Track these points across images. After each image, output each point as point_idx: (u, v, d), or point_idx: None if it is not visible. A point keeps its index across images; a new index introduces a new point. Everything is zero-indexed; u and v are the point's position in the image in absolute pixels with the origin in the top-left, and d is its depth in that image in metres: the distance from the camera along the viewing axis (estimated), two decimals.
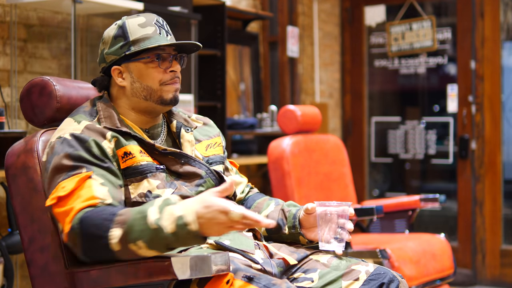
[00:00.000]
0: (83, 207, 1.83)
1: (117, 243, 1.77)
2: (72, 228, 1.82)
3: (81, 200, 1.84)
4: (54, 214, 1.89)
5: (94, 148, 1.92)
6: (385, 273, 1.99)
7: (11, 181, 2.05)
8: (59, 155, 1.91)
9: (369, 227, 4.00)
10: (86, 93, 2.19)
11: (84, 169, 1.89)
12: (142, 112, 2.09)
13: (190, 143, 2.12)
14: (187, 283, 1.83)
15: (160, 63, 2.04)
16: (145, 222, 1.74)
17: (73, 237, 1.83)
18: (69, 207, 1.84)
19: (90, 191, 1.86)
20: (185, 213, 1.72)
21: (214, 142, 2.20)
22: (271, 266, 1.97)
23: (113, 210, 1.81)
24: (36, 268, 2.00)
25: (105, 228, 1.78)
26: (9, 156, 2.07)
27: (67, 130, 1.95)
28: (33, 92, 2.11)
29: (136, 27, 2.04)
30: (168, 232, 1.72)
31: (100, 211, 1.81)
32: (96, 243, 1.80)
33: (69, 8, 3.32)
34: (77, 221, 1.81)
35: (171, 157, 2.04)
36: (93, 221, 1.80)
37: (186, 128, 2.15)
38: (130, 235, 1.75)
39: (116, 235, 1.76)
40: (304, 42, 5.54)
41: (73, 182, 1.86)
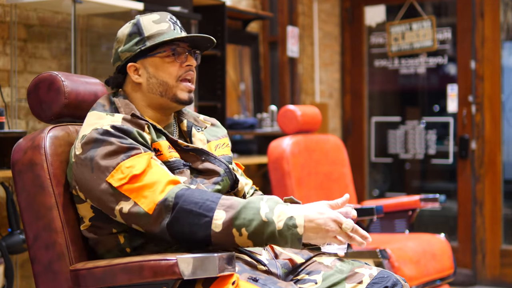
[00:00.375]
0: (170, 181, 1.84)
1: (221, 224, 1.79)
2: (165, 200, 1.82)
3: (161, 175, 1.85)
4: (122, 191, 1.85)
5: (140, 139, 1.93)
6: (389, 276, 1.99)
7: (17, 178, 2.03)
8: (108, 141, 1.88)
9: (369, 227, 4.00)
10: (94, 88, 2.18)
11: (141, 149, 1.89)
12: (157, 109, 2.09)
13: (202, 142, 2.14)
14: (192, 283, 1.83)
15: (176, 57, 2.05)
16: (257, 213, 1.79)
17: (163, 208, 1.82)
18: (151, 181, 1.84)
19: (162, 169, 1.88)
20: (296, 215, 1.79)
21: (222, 143, 2.21)
22: (276, 267, 1.98)
23: (215, 194, 1.85)
24: (40, 265, 1.99)
25: (208, 208, 1.80)
26: (16, 152, 2.05)
27: (104, 122, 1.93)
28: (41, 87, 2.09)
29: (150, 23, 2.05)
30: (275, 229, 1.77)
31: (200, 191, 1.84)
32: (195, 219, 1.80)
33: (69, 8, 3.32)
34: (173, 194, 1.82)
35: (192, 154, 2.06)
36: (193, 199, 1.82)
37: (197, 127, 2.16)
38: (237, 220, 1.79)
39: (221, 216, 1.79)
40: (304, 42, 5.54)
41: (140, 162, 1.86)
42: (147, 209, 1.83)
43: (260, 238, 1.79)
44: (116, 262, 1.84)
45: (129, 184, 1.85)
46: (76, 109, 2.11)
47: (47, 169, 1.99)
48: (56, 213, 1.97)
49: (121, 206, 1.85)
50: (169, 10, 3.76)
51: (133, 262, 1.81)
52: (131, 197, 1.85)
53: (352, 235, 1.83)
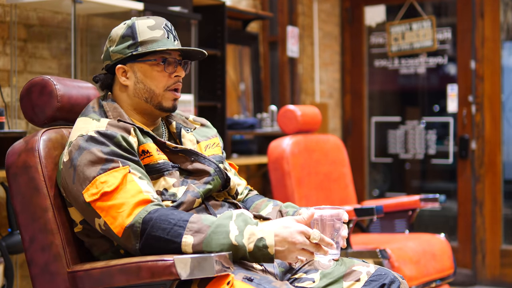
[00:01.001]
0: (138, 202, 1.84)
1: (190, 250, 1.80)
2: (132, 225, 1.82)
3: (131, 195, 1.85)
4: (94, 208, 1.87)
5: (123, 143, 1.93)
6: (386, 274, 2.00)
7: (11, 180, 2.04)
8: (89, 150, 1.89)
9: (369, 227, 4.00)
10: (86, 92, 2.19)
11: (120, 163, 1.89)
12: (142, 114, 2.10)
13: (192, 142, 2.14)
14: (187, 283, 1.83)
15: (165, 67, 2.05)
16: (226, 237, 1.79)
17: (132, 233, 1.83)
18: (119, 202, 1.84)
19: (135, 185, 1.87)
20: (266, 236, 1.79)
21: (212, 143, 2.21)
22: (273, 266, 1.98)
23: (182, 216, 1.83)
24: (36, 267, 2.00)
25: (176, 234, 1.80)
26: (10, 155, 2.06)
27: (90, 128, 1.94)
28: (33, 91, 2.11)
29: (145, 29, 2.05)
30: (246, 251, 1.79)
31: (167, 214, 1.83)
32: (163, 245, 1.81)
33: (69, 8, 3.32)
34: (139, 220, 1.82)
35: (182, 155, 2.07)
36: (160, 224, 1.81)
37: (186, 128, 2.17)
38: (207, 245, 1.79)
39: (189, 242, 1.80)
40: (304, 42, 5.54)
41: (114, 177, 1.86)
42: (116, 231, 1.85)
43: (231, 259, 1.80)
44: (113, 263, 1.84)
45: (100, 201, 1.86)
46: (69, 112, 2.12)
47: (42, 172, 2.00)
48: (51, 215, 1.98)
49: (98, 223, 1.88)
50: (169, 10, 3.76)
51: (130, 263, 1.81)
52: (101, 216, 1.86)
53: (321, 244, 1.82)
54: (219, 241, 1.79)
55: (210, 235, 1.79)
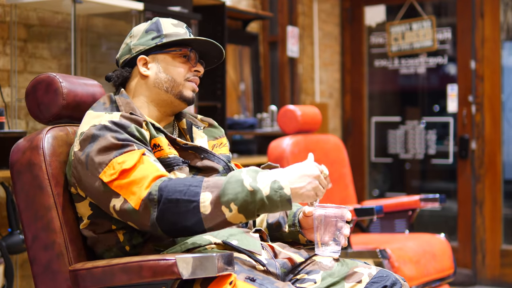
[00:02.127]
0: (156, 176, 1.85)
1: (209, 205, 1.80)
2: (149, 194, 1.82)
3: (150, 171, 1.86)
4: (113, 188, 1.87)
5: (137, 133, 1.94)
6: (388, 276, 1.99)
7: (15, 178, 2.04)
8: (104, 137, 1.90)
9: (369, 227, 4.00)
10: (92, 90, 2.19)
11: (135, 146, 1.90)
12: (160, 106, 2.11)
13: (202, 138, 2.17)
14: (190, 283, 1.83)
15: (189, 58, 2.11)
16: (241, 185, 1.80)
17: (149, 202, 1.82)
18: (139, 177, 1.84)
19: (152, 165, 1.88)
20: (278, 178, 1.82)
21: (220, 143, 2.23)
22: (275, 267, 1.98)
23: (196, 178, 1.85)
24: (39, 266, 2.00)
25: (193, 193, 1.81)
26: (14, 153, 2.06)
27: (103, 119, 1.95)
28: (39, 88, 2.10)
29: (169, 25, 2.12)
30: (263, 195, 1.78)
31: (181, 179, 1.85)
32: (182, 207, 1.80)
33: (69, 8, 3.32)
34: (156, 188, 1.82)
35: (191, 152, 2.08)
36: (176, 188, 1.82)
37: (196, 126, 2.19)
38: (224, 197, 1.79)
39: (207, 197, 1.80)
40: (304, 42, 5.54)
41: (132, 157, 1.87)
42: (134, 205, 1.84)
43: (251, 208, 1.80)
44: (115, 262, 1.84)
45: (119, 179, 1.86)
46: (74, 110, 2.12)
47: (46, 170, 2.00)
48: (55, 213, 1.98)
49: (114, 204, 1.87)
50: (169, 10, 3.76)
51: (132, 262, 1.81)
52: (121, 194, 1.86)
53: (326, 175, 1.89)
54: (235, 189, 1.79)
55: (225, 186, 1.80)
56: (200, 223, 1.81)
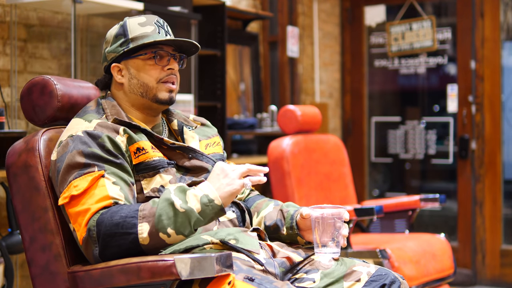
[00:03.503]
0: (98, 209, 1.86)
1: (147, 237, 1.81)
2: (88, 231, 1.84)
3: (95, 200, 1.86)
4: (67, 213, 1.90)
5: (108, 144, 1.94)
6: (387, 274, 2.00)
7: (12, 180, 2.04)
8: (72, 153, 1.92)
9: (369, 227, 4.00)
10: (87, 92, 2.20)
11: (96, 167, 1.90)
12: (141, 109, 2.12)
13: (194, 139, 2.16)
14: (188, 283, 1.83)
15: (157, 60, 2.07)
16: (173, 209, 1.81)
17: (90, 239, 1.84)
18: (84, 208, 1.86)
19: (103, 190, 1.88)
20: (207, 191, 1.85)
21: (213, 142, 2.23)
22: (274, 267, 1.98)
23: (132, 207, 1.85)
24: (37, 267, 2.00)
25: (130, 225, 1.82)
26: (10, 155, 2.07)
27: (79, 128, 1.97)
28: (34, 91, 2.11)
29: (136, 26, 2.08)
30: (196, 213, 1.81)
31: (117, 210, 1.84)
32: (121, 241, 1.82)
33: (69, 8, 3.32)
34: (93, 223, 1.84)
35: (179, 152, 2.08)
36: (113, 221, 1.83)
37: (187, 126, 2.19)
38: (160, 224, 1.81)
39: (145, 229, 1.81)
40: (304, 42, 5.54)
41: (86, 181, 1.88)
42: (79, 239, 1.88)
43: (188, 228, 1.82)
44: (113, 264, 1.84)
45: (69, 205, 1.88)
46: (69, 112, 2.12)
47: (42, 171, 2.00)
48: (52, 215, 1.98)
49: (71, 227, 1.91)
50: (169, 10, 3.76)
51: (130, 263, 1.81)
52: (71, 222, 1.90)
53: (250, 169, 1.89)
54: (168, 214, 1.81)
55: (159, 214, 1.81)
56: (141, 251, 1.84)
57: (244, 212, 2.14)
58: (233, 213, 2.10)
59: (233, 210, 2.10)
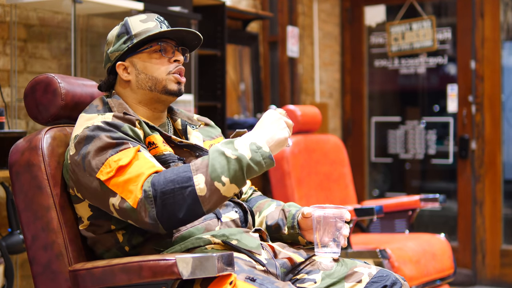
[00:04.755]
0: (151, 173, 1.86)
1: (204, 187, 1.81)
2: (144, 192, 1.83)
3: (146, 167, 1.86)
4: (110, 187, 1.87)
5: (130, 132, 1.94)
6: (388, 275, 2.00)
7: (14, 179, 2.04)
8: (98, 137, 1.90)
9: (369, 227, 4.00)
10: (90, 90, 2.20)
11: (130, 144, 1.90)
12: (148, 105, 2.11)
13: (198, 138, 2.17)
14: (190, 283, 1.83)
15: (163, 52, 2.08)
16: (225, 157, 1.82)
17: (145, 200, 1.82)
18: (134, 175, 1.85)
19: (147, 161, 1.88)
20: (253, 139, 1.86)
21: (216, 142, 2.22)
22: (275, 267, 1.98)
23: (183, 165, 1.87)
24: (39, 266, 2.00)
25: (186, 179, 1.82)
26: (13, 153, 2.06)
27: (96, 120, 1.96)
28: (38, 89, 2.11)
29: (137, 22, 2.09)
30: (247, 159, 1.82)
31: (169, 170, 1.86)
32: (178, 196, 1.81)
33: (69, 8, 3.32)
34: (148, 184, 1.83)
35: (186, 150, 2.09)
36: (167, 179, 1.83)
37: (191, 125, 2.19)
38: (214, 173, 1.82)
39: (201, 179, 1.82)
40: (304, 42, 5.54)
41: (128, 153, 1.88)
42: (132, 203, 1.85)
43: (240, 176, 1.83)
44: (115, 262, 1.84)
45: (116, 177, 1.86)
46: (73, 110, 2.12)
47: (45, 170, 2.00)
48: (54, 214, 1.98)
49: (112, 202, 1.87)
50: (169, 10, 3.76)
51: (132, 262, 1.81)
52: (118, 193, 1.86)
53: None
54: (221, 163, 1.82)
55: (211, 163, 1.83)
56: (198, 206, 1.83)
57: (246, 213, 2.14)
58: (235, 213, 2.10)
59: (235, 211, 2.10)
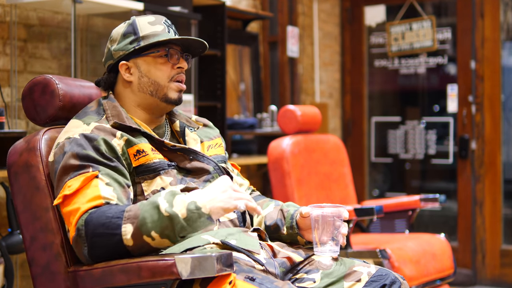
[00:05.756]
0: (88, 208, 1.85)
1: (131, 238, 1.80)
2: (77, 230, 1.84)
3: (87, 200, 1.86)
4: (62, 213, 1.90)
5: (103, 146, 1.94)
6: (387, 274, 2.00)
7: (13, 179, 2.04)
8: (67, 154, 1.92)
9: (369, 227, 4.00)
10: (88, 92, 2.20)
11: (91, 168, 1.90)
12: (147, 109, 2.11)
13: (195, 141, 2.16)
14: (189, 283, 1.83)
15: (169, 58, 2.08)
16: (158, 212, 1.79)
17: (78, 239, 1.84)
18: (75, 207, 1.86)
19: (96, 190, 1.87)
20: (196, 198, 1.80)
21: (215, 143, 2.23)
22: (274, 267, 1.98)
23: (120, 208, 1.84)
24: (37, 267, 2.00)
25: (115, 226, 1.81)
26: (11, 154, 2.07)
27: (77, 131, 1.97)
28: (35, 90, 2.11)
29: (146, 24, 2.09)
30: (180, 219, 1.77)
31: (105, 210, 1.83)
32: (106, 242, 1.82)
33: (69, 8, 3.32)
34: (82, 223, 1.83)
35: (180, 154, 2.08)
36: (99, 221, 1.82)
37: (189, 127, 2.18)
38: (143, 227, 1.79)
39: (129, 230, 1.80)
40: (304, 42, 5.55)
41: (78, 181, 1.88)
42: (70, 238, 1.87)
43: (172, 232, 1.79)
44: (114, 263, 1.84)
45: (63, 205, 1.88)
46: (71, 111, 2.12)
47: (43, 171, 2.01)
48: (52, 214, 1.98)
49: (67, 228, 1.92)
50: (169, 10, 3.76)
51: (131, 263, 1.81)
52: (65, 222, 1.90)
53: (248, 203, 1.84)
54: (152, 217, 1.79)
55: (143, 215, 1.80)
56: (128, 253, 1.83)
57: (244, 213, 2.14)
58: (233, 213, 2.10)
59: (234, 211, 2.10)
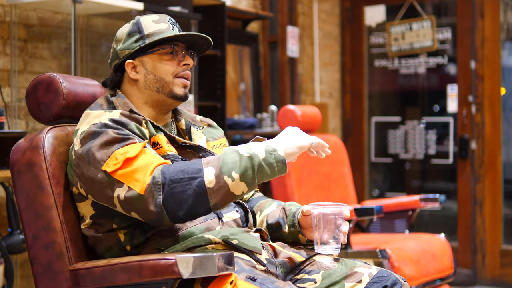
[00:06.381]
0: (161, 163, 1.87)
1: (213, 179, 1.83)
2: (153, 178, 1.84)
3: (153, 159, 1.88)
4: (116, 177, 1.88)
5: (136, 131, 1.96)
6: (388, 276, 2.00)
7: (16, 178, 2.04)
8: (105, 133, 1.91)
9: (369, 227, 4.00)
10: (92, 90, 2.20)
11: (136, 139, 1.92)
12: (154, 107, 2.12)
13: (201, 139, 2.18)
14: (190, 282, 1.83)
15: (174, 55, 2.09)
16: (238, 154, 1.85)
17: (153, 186, 1.83)
18: (142, 165, 1.86)
19: (154, 155, 1.91)
20: (270, 142, 1.89)
21: (219, 143, 2.24)
22: (275, 267, 1.98)
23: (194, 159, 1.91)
24: (39, 265, 2.00)
25: (195, 170, 1.84)
26: (14, 153, 2.06)
27: (104, 117, 1.96)
28: (39, 88, 2.11)
29: (150, 23, 2.10)
30: (260, 159, 1.84)
31: (179, 162, 1.89)
32: (187, 185, 1.83)
33: (69, 8, 3.32)
34: (158, 171, 1.85)
35: (189, 151, 2.10)
36: (177, 168, 1.85)
37: (195, 126, 2.20)
38: (224, 167, 1.83)
39: (210, 172, 1.84)
40: (304, 42, 5.55)
41: (135, 147, 1.89)
42: (139, 190, 1.85)
43: (251, 174, 1.84)
44: (115, 262, 1.84)
45: (122, 168, 1.87)
46: (75, 110, 2.13)
47: (46, 169, 2.00)
48: (55, 213, 1.98)
49: (118, 193, 1.87)
50: (169, 10, 3.76)
51: (132, 262, 1.82)
52: (125, 182, 1.87)
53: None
54: (233, 159, 1.84)
55: (223, 158, 1.85)
56: (205, 198, 1.84)
57: (247, 213, 2.14)
58: (237, 213, 2.10)
59: (237, 210, 2.11)
